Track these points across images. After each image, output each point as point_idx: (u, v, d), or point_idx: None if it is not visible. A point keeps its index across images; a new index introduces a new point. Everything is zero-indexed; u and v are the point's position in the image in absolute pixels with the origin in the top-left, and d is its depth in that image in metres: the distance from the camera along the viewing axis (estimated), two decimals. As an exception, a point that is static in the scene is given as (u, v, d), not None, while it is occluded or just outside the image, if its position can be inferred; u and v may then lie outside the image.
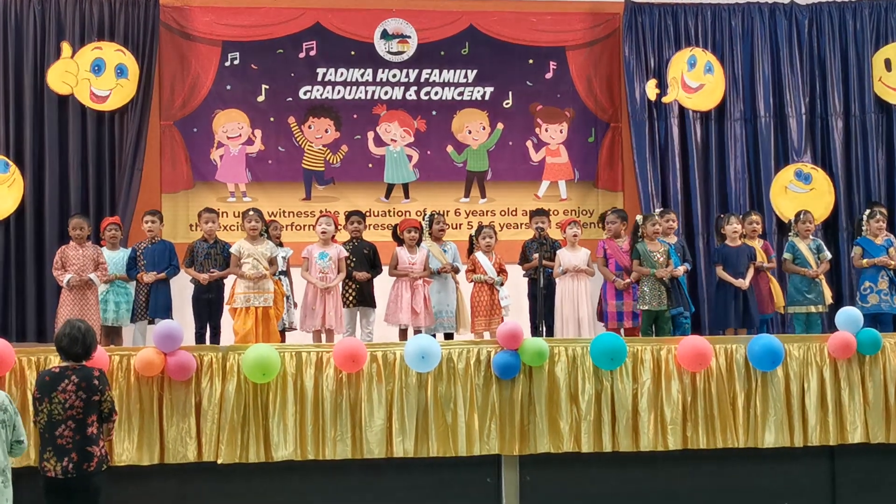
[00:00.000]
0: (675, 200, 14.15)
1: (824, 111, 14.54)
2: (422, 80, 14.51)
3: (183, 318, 11.03)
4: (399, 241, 11.53)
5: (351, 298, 11.28)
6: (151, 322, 11.08)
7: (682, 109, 14.39)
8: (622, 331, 11.34)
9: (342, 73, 14.40)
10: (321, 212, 12.28)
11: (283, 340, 11.13)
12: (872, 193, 14.21)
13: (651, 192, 14.17)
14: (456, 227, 13.83)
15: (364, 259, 11.42)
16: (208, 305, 11.14)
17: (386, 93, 14.46)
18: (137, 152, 13.46)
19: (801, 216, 11.92)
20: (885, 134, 14.51)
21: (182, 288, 11.53)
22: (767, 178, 14.34)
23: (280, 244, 11.75)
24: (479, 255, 11.58)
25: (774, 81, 14.56)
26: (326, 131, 14.33)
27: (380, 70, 14.46)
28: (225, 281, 11.22)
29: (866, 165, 14.41)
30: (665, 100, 14.31)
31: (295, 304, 11.60)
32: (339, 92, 14.38)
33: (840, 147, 14.46)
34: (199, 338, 11.04)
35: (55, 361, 9.35)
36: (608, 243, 11.67)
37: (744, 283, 11.37)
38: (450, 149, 14.52)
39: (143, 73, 13.56)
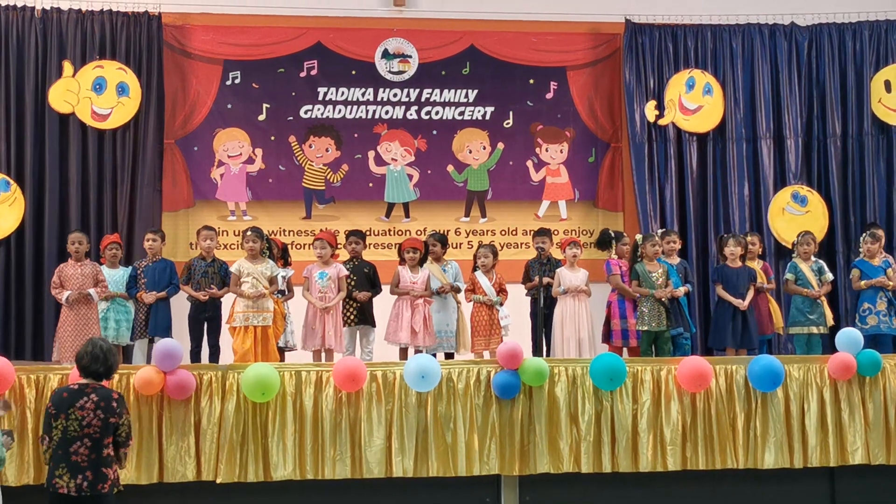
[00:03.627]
0: (674, 221, 14.17)
1: (822, 132, 14.57)
2: (422, 99, 14.53)
3: (182, 336, 11.01)
4: (404, 259, 11.52)
5: (351, 317, 11.27)
6: (151, 341, 11.06)
7: (680, 131, 14.43)
8: (625, 350, 11.33)
9: (343, 93, 14.42)
10: (320, 231, 12.26)
11: (282, 360, 11.11)
12: (869, 215, 14.20)
13: (650, 213, 14.20)
14: (456, 247, 13.81)
15: (364, 278, 11.41)
16: (204, 324, 11.14)
17: (387, 112, 14.48)
18: (154, 169, 13.63)
19: (802, 237, 11.91)
20: (885, 155, 14.51)
21: (183, 306, 11.50)
22: (766, 200, 14.37)
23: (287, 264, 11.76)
24: (479, 275, 11.57)
25: (774, 103, 14.60)
26: (327, 150, 14.35)
27: (381, 89, 14.48)
28: (223, 300, 11.20)
29: (863, 187, 14.41)
30: (661, 122, 14.37)
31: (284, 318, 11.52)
32: (339, 111, 14.40)
33: (838, 169, 14.47)
34: (195, 356, 11.02)
35: (54, 380, 9.40)
36: (620, 261, 11.66)
37: (742, 303, 11.36)
38: (450, 168, 14.53)
39: (147, 91, 13.62)
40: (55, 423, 7.33)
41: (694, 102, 14.42)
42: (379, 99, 14.47)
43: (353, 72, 14.46)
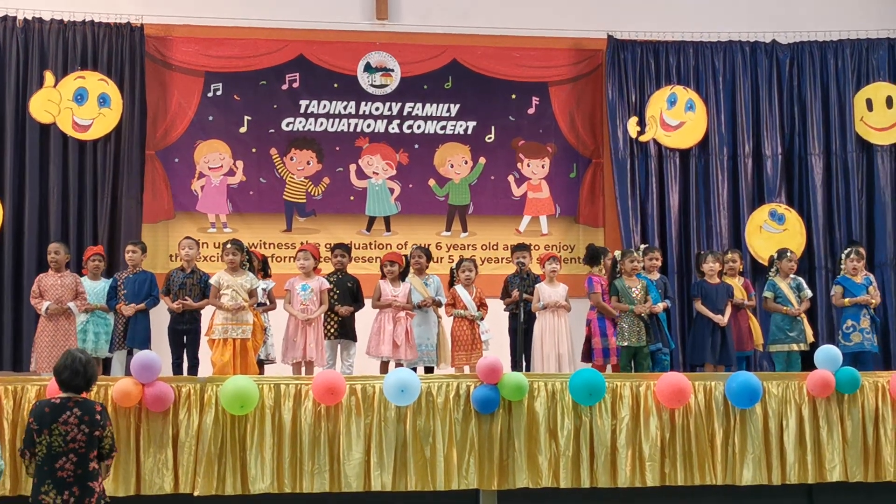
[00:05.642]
0: (655, 237, 14.18)
1: (803, 150, 14.61)
2: (404, 113, 14.54)
3: (161, 348, 10.95)
4: (384, 274, 11.49)
5: (332, 331, 11.22)
6: (130, 352, 11.00)
7: (661, 147, 14.45)
8: (609, 367, 11.30)
9: (325, 106, 14.41)
10: (302, 244, 12.23)
11: (261, 372, 11.07)
12: (853, 233, 14.24)
13: (631, 229, 14.22)
14: (437, 261, 13.76)
15: (347, 292, 11.37)
16: (183, 336, 11.08)
17: (368, 125, 14.47)
18: (135, 181, 13.60)
19: (787, 255, 11.92)
20: (865, 173, 14.55)
21: (163, 318, 11.44)
22: (746, 217, 14.40)
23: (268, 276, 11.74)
24: (459, 289, 11.55)
25: (754, 120, 14.64)
26: (308, 163, 14.33)
27: (363, 103, 14.48)
28: (203, 312, 11.15)
29: (847, 205, 14.44)
30: (642, 138, 14.40)
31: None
32: (321, 124, 14.39)
33: (820, 186, 14.50)
34: (176, 368, 10.97)
35: (32, 391, 9.35)
36: (602, 277, 11.65)
37: (722, 318, 11.39)
38: (432, 182, 14.53)
39: (128, 102, 13.58)
40: (38, 438, 7.17)
41: (675, 119, 14.45)
42: (361, 112, 14.47)
43: (336, 85, 14.46)
